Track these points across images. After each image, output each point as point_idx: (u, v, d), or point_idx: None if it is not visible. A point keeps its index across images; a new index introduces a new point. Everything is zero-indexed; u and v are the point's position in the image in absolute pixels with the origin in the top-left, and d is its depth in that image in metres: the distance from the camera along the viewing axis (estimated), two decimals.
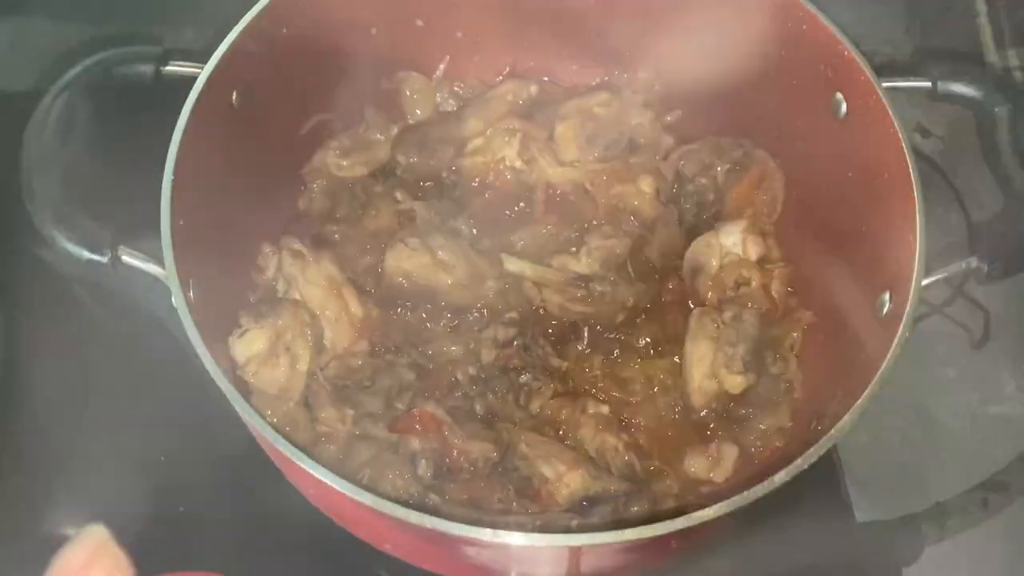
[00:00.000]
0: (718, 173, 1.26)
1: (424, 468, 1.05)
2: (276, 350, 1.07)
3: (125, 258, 0.93)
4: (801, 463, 0.82)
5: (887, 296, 0.99)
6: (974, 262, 0.94)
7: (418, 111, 1.35)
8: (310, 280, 1.15)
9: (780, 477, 0.82)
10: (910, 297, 0.91)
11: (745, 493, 0.81)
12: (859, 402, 0.85)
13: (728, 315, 1.16)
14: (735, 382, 1.10)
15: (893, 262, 1.00)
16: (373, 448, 1.08)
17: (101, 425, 1.28)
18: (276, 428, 1.04)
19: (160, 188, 0.97)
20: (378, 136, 1.32)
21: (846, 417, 0.85)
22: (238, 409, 0.86)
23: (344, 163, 1.29)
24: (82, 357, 1.34)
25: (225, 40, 1.04)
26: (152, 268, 0.93)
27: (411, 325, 1.21)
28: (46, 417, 1.28)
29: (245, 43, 1.06)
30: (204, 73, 1.01)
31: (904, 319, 0.90)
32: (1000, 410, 1.43)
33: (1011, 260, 0.92)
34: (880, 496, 1.33)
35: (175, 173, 0.96)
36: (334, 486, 0.83)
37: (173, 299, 0.92)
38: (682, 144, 1.31)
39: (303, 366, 1.08)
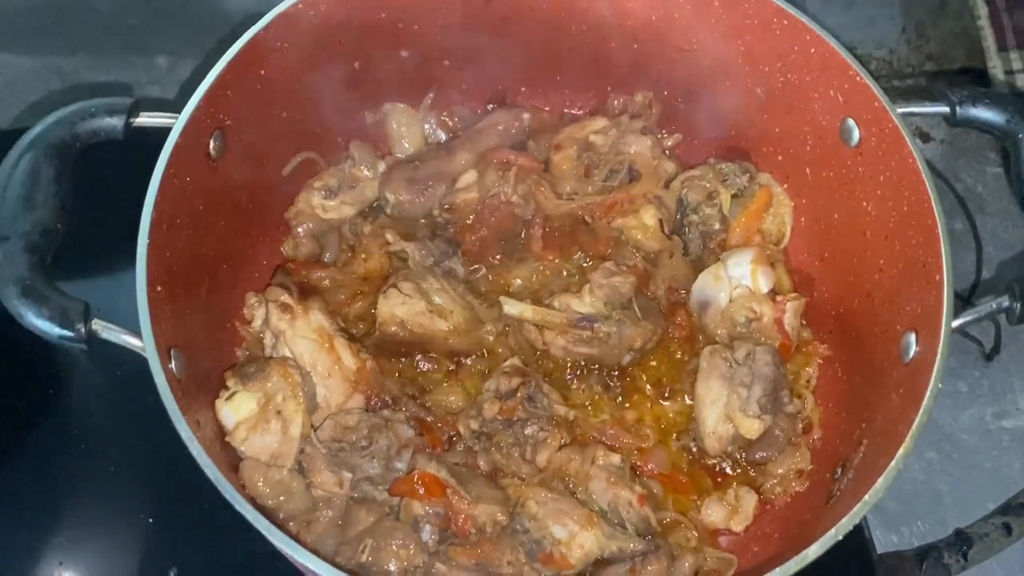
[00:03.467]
0: (723, 200, 1.21)
1: (429, 533, 0.99)
2: (267, 414, 1.01)
3: (100, 332, 0.86)
4: (835, 534, 0.77)
5: (912, 338, 0.94)
6: (1005, 301, 0.89)
7: (406, 143, 1.29)
8: (299, 333, 1.08)
9: (814, 550, 0.76)
10: (940, 345, 0.85)
11: (777, 571, 0.75)
12: (893, 463, 0.80)
13: (740, 353, 1.10)
14: (751, 427, 1.05)
15: (916, 301, 0.94)
16: (374, 513, 1.02)
17: (90, 484, 1.22)
18: (268, 498, 1.00)
19: (135, 250, 0.90)
20: (365, 172, 1.25)
21: (880, 481, 0.80)
22: (224, 493, 0.80)
23: (330, 204, 1.22)
24: (68, 411, 1.28)
25: (199, 88, 0.97)
26: (130, 341, 0.86)
27: (408, 374, 1.15)
28: (34, 475, 1.22)
29: (221, 89, 0.99)
30: (178, 124, 0.94)
31: (935, 369, 0.84)
32: (1015, 424, 1.39)
33: None
34: (896, 520, 1.29)
35: (150, 237, 0.89)
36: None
37: (153, 374, 0.85)
38: (684, 169, 1.25)
39: (296, 430, 1.02)
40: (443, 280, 1.16)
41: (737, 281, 1.15)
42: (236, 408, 1.01)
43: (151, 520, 1.19)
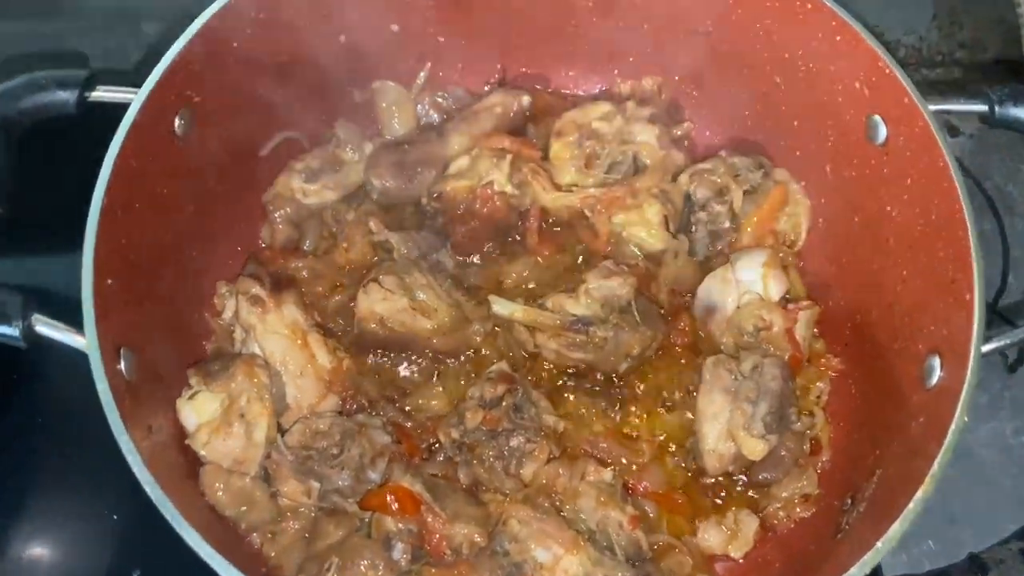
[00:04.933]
0: (734, 197, 1.12)
1: (400, 552, 0.92)
2: (230, 416, 0.94)
3: (40, 328, 0.79)
4: None
5: (936, 361, 0.85)
6: None
7: (396, 125, 1.20)
8: (270, 329, 1.01)
9: None
10: (968, 373, 0.77)
11: None
12: (912, 505, 0.72)
13: (747, 365, 1.02)
14: (755, 447, 0.97)
15: (942, 321, 0.86)
16: (343, 527, 0.95)
17: (53, 479, 1.16)
18: (229, 507, 0.93)
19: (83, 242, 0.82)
20: (350, 155, 1.16)
21: (895, 526, 0.72)
22: (165, 514, 0.73)
23: (311, 187, 1.14)
24: (32, 401, 1.21)
25: (162, 60, 0.89)
26: (73, 339, 0.78)
27: (387, 376, 1.07)
28: None
29: (187, 62, 0.91)
30: (137, 101, 0.86)
31: (962, 400, 0.76)
32: None
33: None
34: (905, 540, 1.21)
35: (100, 225, 0.81)
36: None
37: (95, 377, 0.78)
38: (693, 162, 1.16)
39: (261, 434, 0.94)
40: (429, 275, 1.08)
41: (746, 286, 1.07)
42: (198, 409, 0.94)
43: (116, 518, 1.12)
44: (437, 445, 1.02)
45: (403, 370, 1.07)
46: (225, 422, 0.94)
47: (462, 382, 1.06)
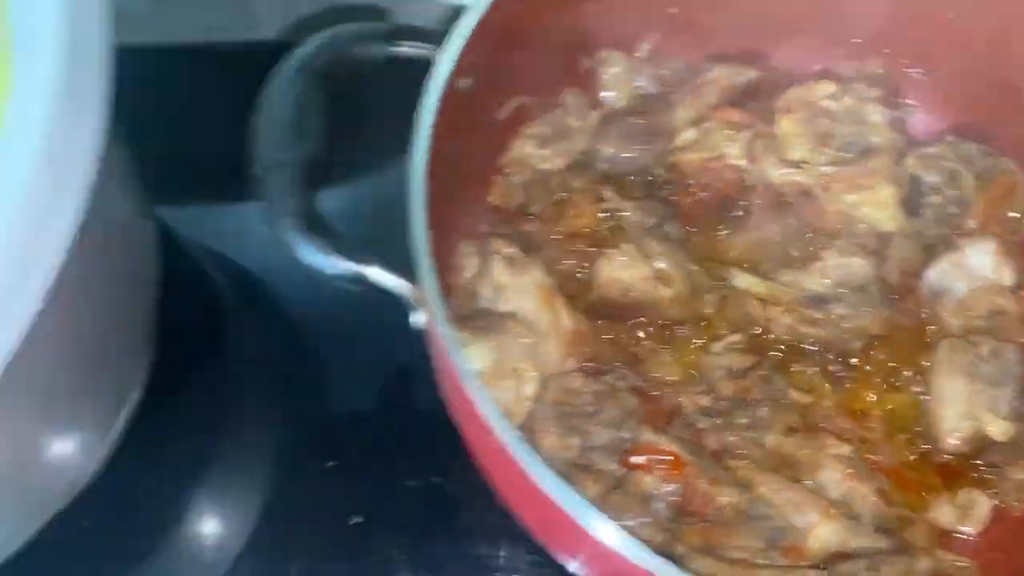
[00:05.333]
0: (964, 183, 1.13)
1: (662, 511, 0.94)
2: (501, 369, 0.96)
3: (372, 273, 0.81)
4: None
5: None
6: None
7: (619, 95, 1.21)
8: (523, 289, 1.03)
9: None
10: None
11: None
12: None
13: (985, 349, 1.03)
14: (1003, 428, 0.99)
15: None
16: (599, 484, 0.97)
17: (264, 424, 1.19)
18: None
19: (399, 190, 0.84)
20: (577, 122, 1.18)
21: None
22: (522, 461, 0.75)
23: (543, 153, 1.16)
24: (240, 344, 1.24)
25: (467, 19, 0.90)
26: (403, 286, 0.81)
27: (619, 341, 1.09)
28: (197, 409, 1.19)
29: (486, 21, 0.92)
30: (449, 56, 0.88)
31: None
32: None
33: None
34: None
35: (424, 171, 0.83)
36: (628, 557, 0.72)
37: (422, 321, 0.80)
38: (914, 146, 1.16)
39: (530, 388, 0.97)
40: (662, 244, 1.09)
41: (978, 271, 1.08)
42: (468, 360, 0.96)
43: (331, 464, 1.15)
44: (676, 411, 1.04)
45: (634, 336, 1.09)
46: (495, 374, 0.96)
47: (691, 351, 1.08)
